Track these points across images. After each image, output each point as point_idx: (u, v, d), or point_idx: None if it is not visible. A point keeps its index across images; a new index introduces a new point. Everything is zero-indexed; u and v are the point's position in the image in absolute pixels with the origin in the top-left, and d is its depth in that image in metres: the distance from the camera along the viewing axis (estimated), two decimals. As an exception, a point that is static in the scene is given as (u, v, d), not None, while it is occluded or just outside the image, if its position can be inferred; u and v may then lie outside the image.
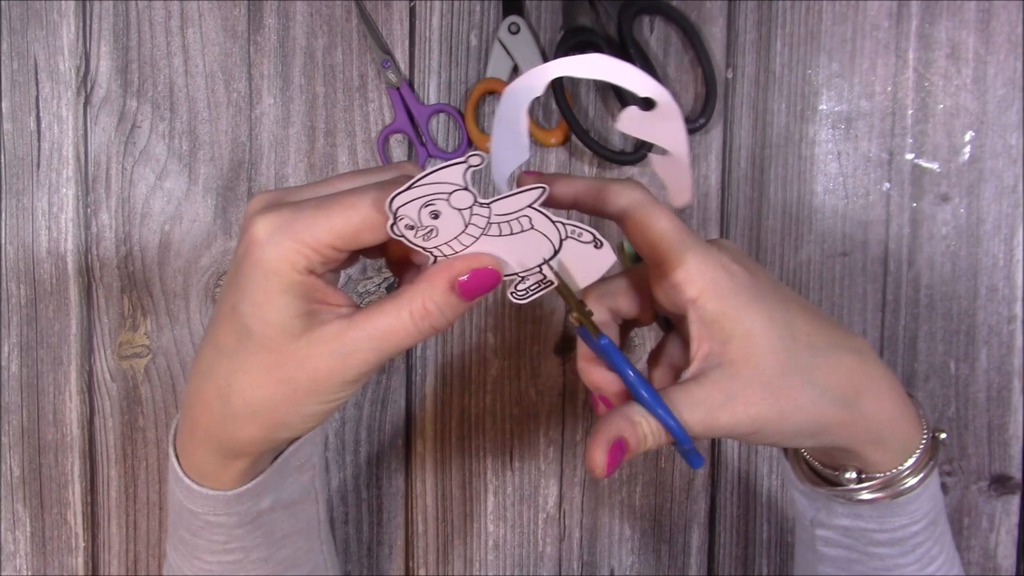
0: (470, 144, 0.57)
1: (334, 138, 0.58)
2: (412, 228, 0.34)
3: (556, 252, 0.35)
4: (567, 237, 0.35)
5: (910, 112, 0.57)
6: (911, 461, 0.40)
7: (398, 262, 0.39)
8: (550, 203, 0.39)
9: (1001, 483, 0.59)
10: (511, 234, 0.35)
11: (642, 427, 0.36)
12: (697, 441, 0.37)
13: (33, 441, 0.59)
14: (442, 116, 0.58)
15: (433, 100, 0.58)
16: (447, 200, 0.33)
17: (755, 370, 0.36)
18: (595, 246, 0.36)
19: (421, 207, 0.34)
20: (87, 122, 0.58)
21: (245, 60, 0.57)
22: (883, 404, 0.39)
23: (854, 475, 0.40)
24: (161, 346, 0.59)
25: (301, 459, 0.43)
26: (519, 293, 0.36)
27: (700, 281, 0.36)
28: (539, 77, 0.35)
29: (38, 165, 0.58)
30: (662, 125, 0.37)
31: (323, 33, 0.57)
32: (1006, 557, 0.59)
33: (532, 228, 0.35)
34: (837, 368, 0.37)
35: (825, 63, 0.57)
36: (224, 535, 0.41)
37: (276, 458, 0.41)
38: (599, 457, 0.35)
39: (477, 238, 0.34)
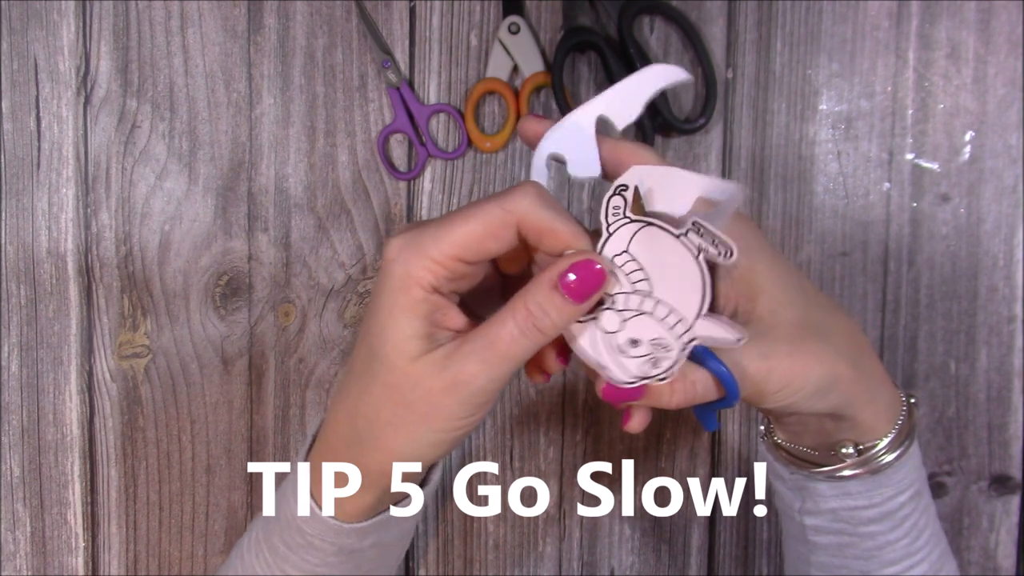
0: (470, 144, 0.57)
1: (334, 138, 0.58)
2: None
3: (687, 228, 0.33)
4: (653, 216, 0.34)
5: (910, 112, 0.57)
6: (897, 428, 0.40)
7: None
8: None
9: (1001, 483, 0.59)
10: (649, 267, 0.34)
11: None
12: (718, 411, 0.37)
13: (33, 441, 0.59)
14: (442, 116, 0.58)
15: (433, 100, 0.58)
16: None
17: (782, 326, 0.36)
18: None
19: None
20: (87, 122, 0.58)
21: (245, 60, 0.57)
22: (875, 364, 0.40)
23: (851, 449, 0.40)
24: (161, 346, 0.59)
25: (414, 509, 0.43)
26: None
27: (728, 236, 0.36)
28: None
29: (38, 165, 0.58)
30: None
31: (323, 33, 0.57)
32: (1006, 557, 0.59)
33: (643, 227, 0.34)
34: (841, 327, 0.38)
35: (825, 63, 0.57)
36: (319, 559, 0.40)
37: (397, 503, 0.41)
38: (601, 383, 0.35)
39: (640, 295, 0.34)
